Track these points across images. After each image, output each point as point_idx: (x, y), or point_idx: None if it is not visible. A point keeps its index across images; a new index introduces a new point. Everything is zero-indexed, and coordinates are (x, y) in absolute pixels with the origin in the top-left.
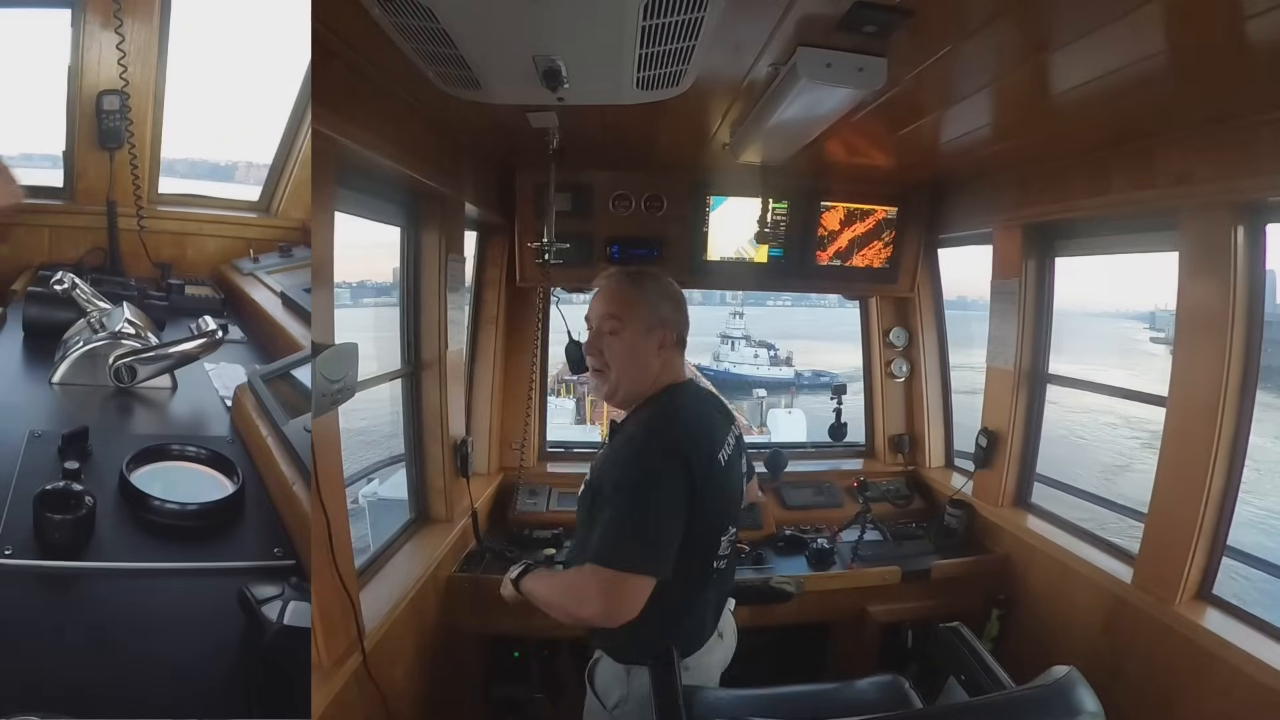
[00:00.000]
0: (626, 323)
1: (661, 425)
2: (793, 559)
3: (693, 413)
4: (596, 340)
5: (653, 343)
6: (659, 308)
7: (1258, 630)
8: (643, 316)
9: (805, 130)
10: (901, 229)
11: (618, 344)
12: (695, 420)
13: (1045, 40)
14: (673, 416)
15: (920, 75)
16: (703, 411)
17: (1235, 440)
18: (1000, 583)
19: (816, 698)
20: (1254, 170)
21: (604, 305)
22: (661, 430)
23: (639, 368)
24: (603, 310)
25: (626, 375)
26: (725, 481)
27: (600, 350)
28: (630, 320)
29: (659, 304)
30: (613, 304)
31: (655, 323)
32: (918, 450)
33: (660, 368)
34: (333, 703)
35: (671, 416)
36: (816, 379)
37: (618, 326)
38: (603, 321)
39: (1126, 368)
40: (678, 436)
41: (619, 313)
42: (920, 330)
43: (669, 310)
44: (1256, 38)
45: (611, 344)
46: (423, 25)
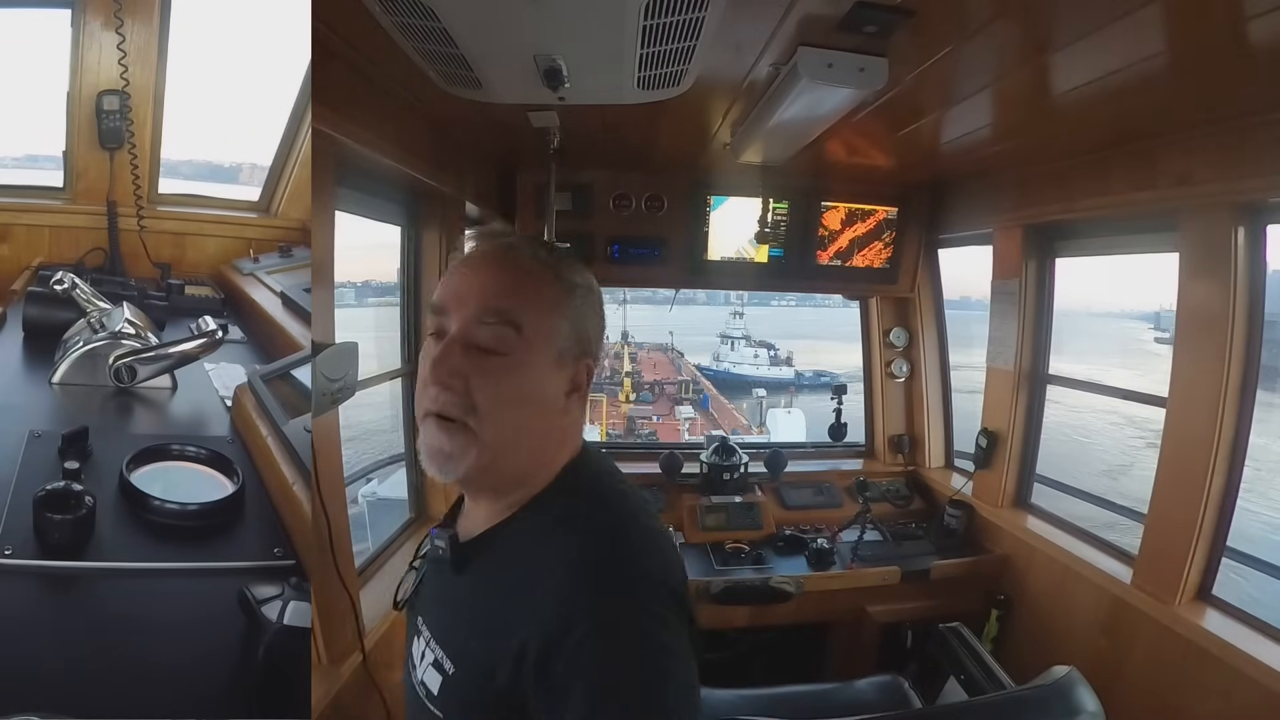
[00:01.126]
0: (531, 335)
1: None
2: (792, 559)
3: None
4: (458, 355)
5: (561, 382)
6: (584, 320)
7: (1257, 631)
8: (560, 331)
9: (806, 130)
10: (902, 229)
11: (507, 373)
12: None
13: (1046, 41)
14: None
15: (921, 75)
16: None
17: (1235, 441)
18: (1000, 583)
19: (816, 698)
20: (1254, 171)
21: (489, 288)
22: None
23: (539, 426)
24: (485, 298)
25: (515, 437)
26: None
27: (464, 376)
28: (538, 332)
29: (584, 314)
30: (509, 291)
31: (574, 347)
32: (917, 450)
33: (565, 431)
34: (333, 703)
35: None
36: (817, 379)
37: (510, 339)
38: (480, 320)
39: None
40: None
41: (519, 312)
42: (920, 330)
43: (594, 328)
44: (1257, 39)
45: (494, 370)
46: (423, 24)
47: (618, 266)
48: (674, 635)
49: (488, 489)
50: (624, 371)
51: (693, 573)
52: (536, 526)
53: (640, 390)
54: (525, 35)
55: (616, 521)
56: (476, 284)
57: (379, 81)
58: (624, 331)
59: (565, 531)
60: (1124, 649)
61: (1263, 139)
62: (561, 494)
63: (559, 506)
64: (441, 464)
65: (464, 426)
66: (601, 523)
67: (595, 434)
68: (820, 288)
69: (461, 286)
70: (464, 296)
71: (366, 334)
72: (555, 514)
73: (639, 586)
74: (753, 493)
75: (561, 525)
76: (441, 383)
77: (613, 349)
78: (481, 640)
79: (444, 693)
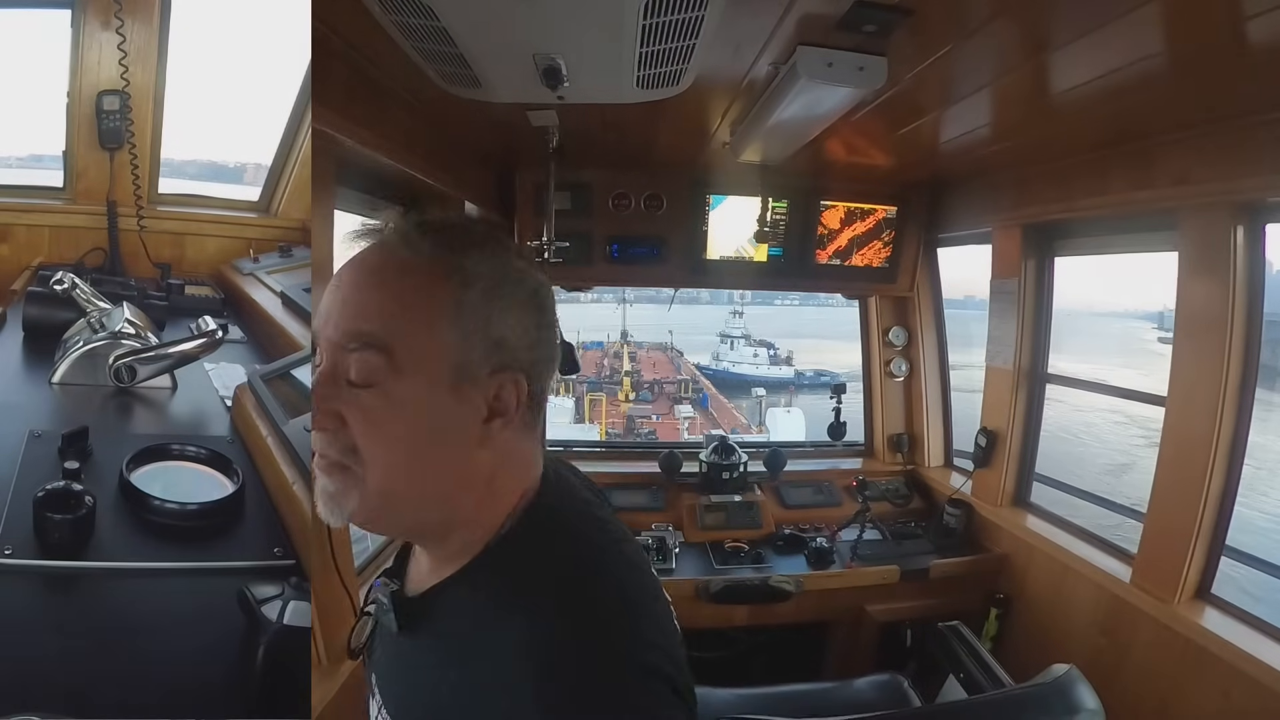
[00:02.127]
0: (404, 358)
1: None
2: (792, 558)
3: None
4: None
5: (468, 408)
6: (494, 321)
7: (1256, 630)
8: (448, 345)
9: (805, 129)
10: (901, 228)
11: (381, 409)
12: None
13: (1045, 40)
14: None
15: (920, 75)
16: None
17: (1234, 440)
18: (999, 582)
19: (815, 696)
20: (1253, 170)
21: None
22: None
23: (441, 468)
24: (344, 321)
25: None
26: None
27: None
28: (414, 352)
29: (493, 313)
30: (370, 308)
31: (479, 360)
32: (917, 449)
33: (495, 467)
34: (332, 702)
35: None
36: (818, 379)
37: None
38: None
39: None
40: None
41: (385, 332)
42: (919, 329)
43: (519, 328)
44: (1256, 38)
45: (367, 406)
46: (423, 24)
47: (617, 266)
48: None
49: (401, 535)
50: (623, 370)
51: (692, 572)
52: (488, 589)
53: (640, 389)
54: (524, 34)
55: (581, 584)
56: (337, 303)
57: (379, 81)
58: (624, 330)
59: (521, 600)
60: (1123, 647)
61: (1262, 138)
62: (515, 547)
63: (512, 565)
64: (326, 504)
65: (345, 467)
66: (564, 587)
67: (595, 433)
68: (819, 287)
69: (327, 305)
70: (329, 318)
71: None
72: (508, 574)
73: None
74: (752, 492)
75: (516, 591)
76: (315, 424)
77: (612, 348)
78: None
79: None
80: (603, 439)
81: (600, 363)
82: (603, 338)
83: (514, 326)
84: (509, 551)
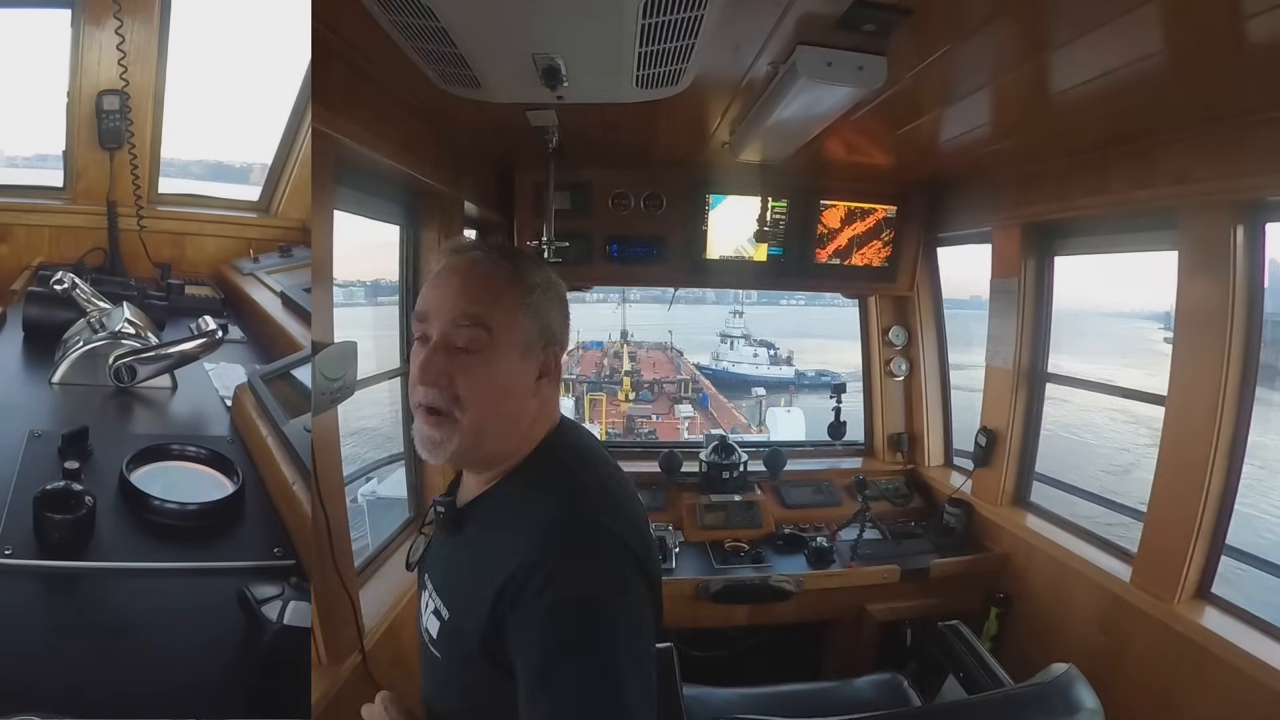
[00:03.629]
0: (498, 334)
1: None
2: (792, 557)
3: (610, 480)
4: (441, 357)
5: (530, 370)
6: (546, 314)
7: (1256, 629)
8: (523, 327)
9: (805, 129)
10: (900, 228)
11: (482, 369)
12: (620, 492)
13: (1045, 39)
14: (590, 493)
15: (920, 74)
16: (616, 475)
17: (1234, 439)
18: (999, 581)
19: (815, 696)
20: (1253, 169)
21: (460, 297)
22: (588, 528)
23: (512, 410)
24: (458, 306)
25: (492, 421)
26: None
27: (448, 374)
28: (504, 331)
29: (546, 308)
30: (477, 299)
31: (538, 339)
32: (917, 449)
33: (538, 410)
34: (332, 702)
35: (588, 494)
36: (819, 378)
37: (483, 339)
38: (455, 325)
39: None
40: (618, 533)
41: (487, 316)
42: (919, 329)
43: (558, 318)
44: (1256, 37)
45: (471, 367)
46: (422, 24)
47: (617, 265)
48: (630, 598)
49: (474, 465)
50: (623, 370)
51: (692, 571)
52: (516, 491)
53: (640, 389)
54: (523, 34)
55: (584, 485)
56: (451, 294)
57: (379, 81)
58: (624, 330)
59: (538, 493)
60: (1123, 647)
61: (1262, 137)
62: (538, 463)
63: (535, 474)
64: (432, 449)
65: (449, 417)
66: (569, 486)
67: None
68: (819, 286)
69: (438, 296)
70: (441, 305)
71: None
72: (532, 479)
73: (598, 545)
74: (752, 491)
75: (535, 488)
76: (430, 381)
77: (612, 348)
78: (469, 589)
79: (441, 635)
80: (603, 439)
81: (600, 362)
82: (603, 338)
83: (555, 316)
84: (530, 468)
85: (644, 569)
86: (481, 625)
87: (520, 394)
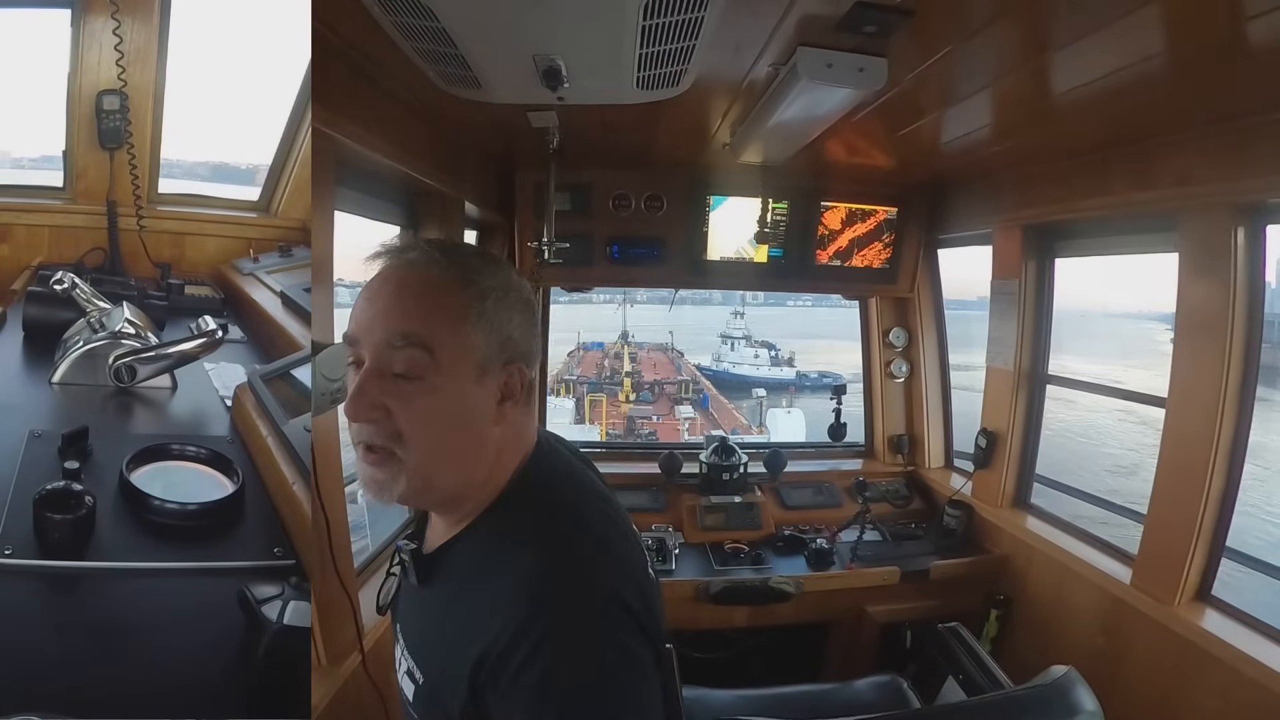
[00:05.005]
0: (442, 354)
1: (569, 574)
2: (792, 559)
3: (597, 513)
4: (374, 385)
5: (488, 394)
6: (503, 324)
7: (1256, 631)
8: (474, 343)
9: (805, 130)
10: (901, 229)
11: (424, 397)
12: (610, 530)
13: (1045, 41)
14: (574, 541)
15: (920, 76)
16: (603, 506)
17: (1235, 441)
18: (999, 583)
19: (815, 698)
20: (1254, 171)
21: (393, 312)
22: (576, 588)
23: (469, 443)
24: (390, 323)
25: (444, 458)
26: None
27: (383, 407)
28: (449, 350)
29: (503, 318)
30: (413, 312)
31: (496, 355)
32: (917, 451)
33: (505, 439)
34: (332, 702)
35: (573, 542)
36: (820, 380)
37: (422, 362)
38: (389, 347)
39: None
40: (612, 588)
41: (426, 333)
42: (920, 331)
43: (521, 328)
44: (1256, 39)
45: (411, 396)
46: (423, 24)
47: (617, 266)
48: (631, 666)
49: (434, 507)
50: (624, 371)
51: (692, 573)
52: (488, 539)
53: (640, 390)
54: (524, 35)
55: (567, 530)
56: (381, 309)
57: (379, 81)
58: (624, 331)
59: (512, 544)
60: (1123, 649)
61: (1263, 140)
62: (513, 503)
63: (512, 518)
64: (377, 491)
65: (391, 454)
66: (551, 532)
67: (595, 434)
68: (819, 288)
69: (368, 313)
70: (371, 324)
71: None
72: (509, 524)
73: (589, 609)
74: (752, 493)
75: (513, 534)
76: (362, 416)
77: (613, 349)
78: (443, 653)
79: (418, 699)
80: (603, 440)
81: (601, 363)
82: (603, 338)
83: (517, 326)
84: (504, 510)
85: (643, 626)
86: (460, 699)
87: (477, 423)
